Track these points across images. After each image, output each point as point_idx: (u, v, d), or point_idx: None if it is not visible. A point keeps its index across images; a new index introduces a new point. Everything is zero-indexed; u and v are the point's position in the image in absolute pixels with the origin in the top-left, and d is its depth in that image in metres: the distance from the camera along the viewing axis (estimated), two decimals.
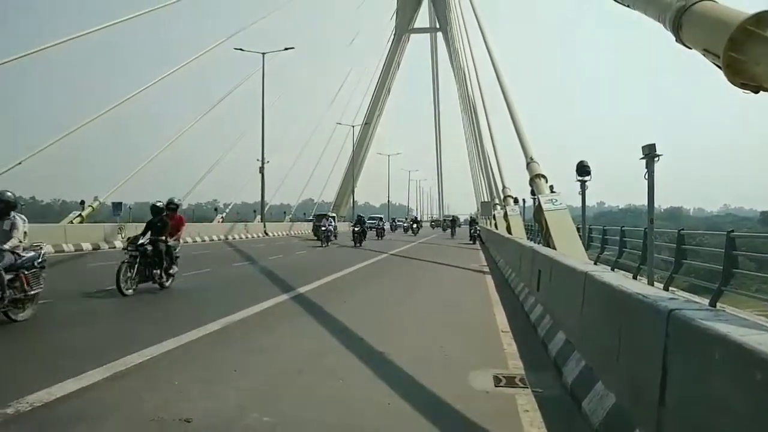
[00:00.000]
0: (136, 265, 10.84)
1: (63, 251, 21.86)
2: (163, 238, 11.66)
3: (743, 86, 4.18)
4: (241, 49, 38.38)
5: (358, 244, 29.86)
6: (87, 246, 23.62)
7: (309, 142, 56.87)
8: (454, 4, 55.31)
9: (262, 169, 41.78)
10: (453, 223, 53.52)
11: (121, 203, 31.93)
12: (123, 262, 10.67)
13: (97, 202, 30.13)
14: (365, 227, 33.04)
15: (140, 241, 11.18)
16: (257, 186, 42.59)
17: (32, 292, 7.78)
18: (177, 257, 12.29)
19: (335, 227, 32.88)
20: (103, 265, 14.79)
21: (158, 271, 11.36)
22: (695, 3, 5.04)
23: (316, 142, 58.75)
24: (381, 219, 50.38)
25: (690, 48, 5.08)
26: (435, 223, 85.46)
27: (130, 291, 10.52)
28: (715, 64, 4.40)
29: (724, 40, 4.17)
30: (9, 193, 7.78)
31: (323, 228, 29.99)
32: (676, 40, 5.30)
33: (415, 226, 57.13)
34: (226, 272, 16.32)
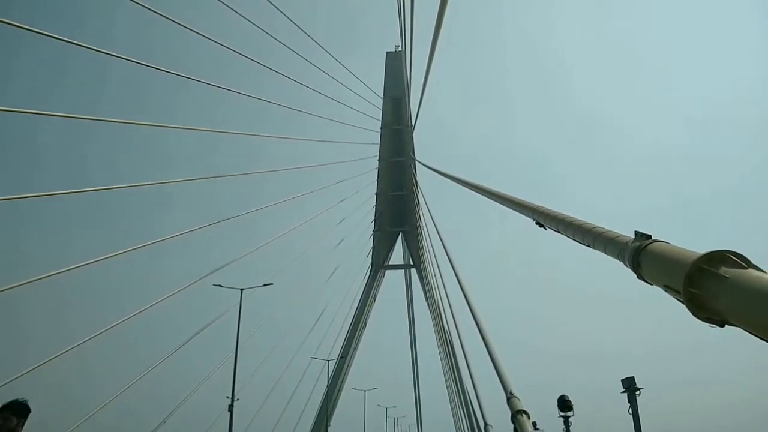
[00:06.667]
0: None
1: None
2: None
3: (708, 320, 4.33)
4: (219, 285, 39.04)
5: None
6: None
7: (282, 377, 55.04)
8: (426, 245, 58.80)
9: (231, 408, 39.62)
10: None
11: None
12: None
13: None
14: None
15: None
16: (224, 425, 40.00)
17: None
18: None
19: None
20: None
21: None
22: (649, 244, 5.46)
23: (289, 377, 56.87)
24: None
25: (651, 284, 5.35)
26: None
27: None
28: (678, 299, 4.61)
29: (681, 278, 4.43)
30: None
31: None
32: (638, 277, 5.61)
33: None
34: None
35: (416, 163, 63.70)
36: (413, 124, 67.45)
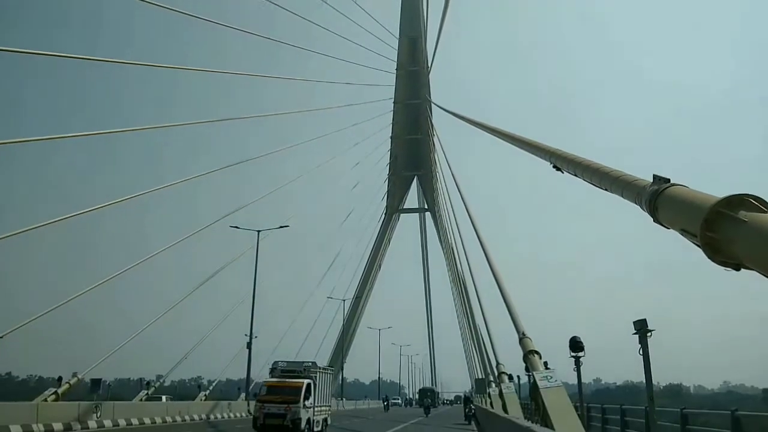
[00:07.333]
0: None
1: (32, 431, 20.53)
2: None
3: (723, 264, 4.35)
4: (236, 227, 39.48)
5: None
6: (58, 426, 22.21)
7: (299, 316, 56.34)
8: (441, 188, 58.62)
9: (249, 345, 40.80)
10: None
11: (100, 380, 30.54)
12: None
13: (75, 379, 28.85)
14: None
15: None
16: (243, 362, 41.31)
17: None
18: None
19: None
20: None
21: None
22: (667, 187, 5.42)
23: (306, 316, 58.21)
24: None
25: (668, 228, 5.35)
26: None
27: None
28: (694, 243, 4.62)
29: (699, 222, 4.42)
30: None
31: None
32: (654, 221, 5.60)
33: None
34: None
35: (432, 105, 62.66)
36: (429, 65, 66.10)
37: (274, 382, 20.96)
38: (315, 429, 21.04)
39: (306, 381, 20.42)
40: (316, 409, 20.99)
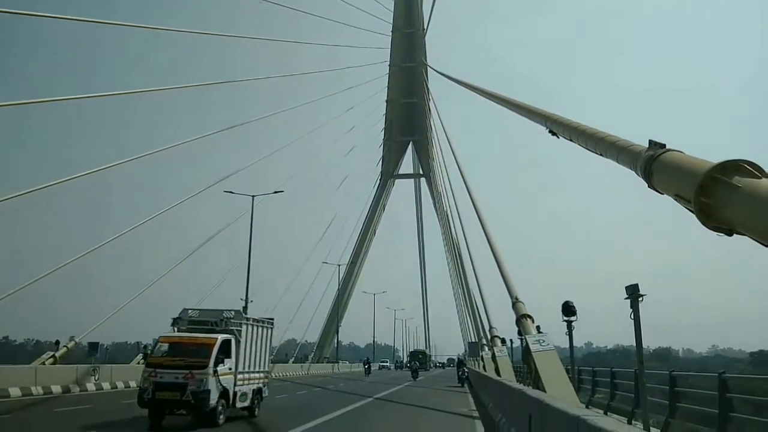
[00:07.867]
0: None
1: (31, 394, 20.77)
2: None
3: (716, 229, 4.35)
4: (230, 192, 39.16)
5: None
6: (57, 389, 22.49)
7: (294, 280, 56.74)
8: (436, 154, 58.39)
9: (245, 310, 41.05)
10: None
11: (97, 344, 30.80)
12: None
13: (72, 343, 29.12)
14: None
15: None
16: None
17: None
18: None
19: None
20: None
21: None
22: (663, 153, 5.40)
23: (301, 281, 58.61)
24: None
25: (662, 193, 5.35)
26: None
27: None
28: (687, 208, 4.62)
29: (693, 187, 4.41)
30: None
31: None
32: (649, 186, 5.59)
33: None
34: None
35: (428, 69, 61.88)
36: (426, 27, 65.06)
37: (176, 337, 14.87)
38: (239, 404, 15.13)
39: (221, 336, 14.45)
40: (240, 376, 15.08)
